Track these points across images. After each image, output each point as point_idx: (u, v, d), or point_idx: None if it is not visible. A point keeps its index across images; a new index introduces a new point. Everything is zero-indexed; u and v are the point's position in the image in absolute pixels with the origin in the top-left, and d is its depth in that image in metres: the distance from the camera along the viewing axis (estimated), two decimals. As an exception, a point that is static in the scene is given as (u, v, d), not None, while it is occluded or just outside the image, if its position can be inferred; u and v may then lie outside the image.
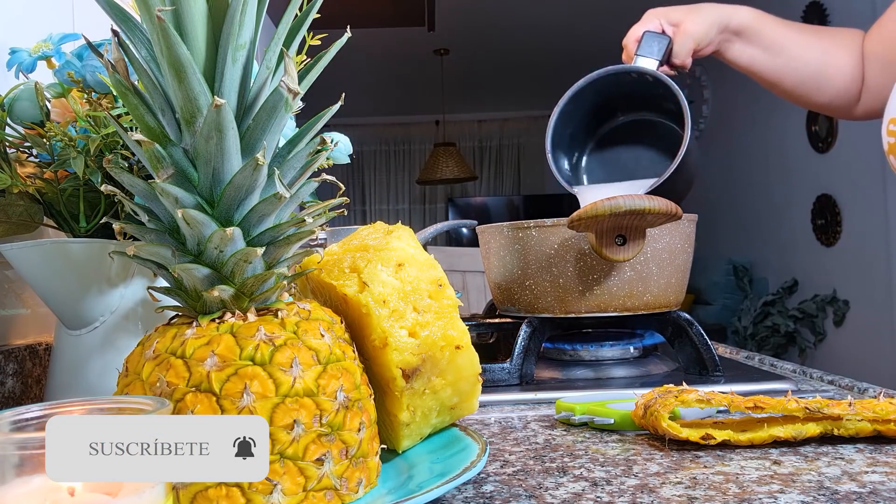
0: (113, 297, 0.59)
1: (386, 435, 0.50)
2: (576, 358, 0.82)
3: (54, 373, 0.61)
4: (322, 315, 0.44)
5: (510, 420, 0.65)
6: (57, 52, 0.62)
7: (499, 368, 0.75)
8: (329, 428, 0.40)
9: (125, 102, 0.40)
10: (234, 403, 0.38)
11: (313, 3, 0.43)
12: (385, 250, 0.49)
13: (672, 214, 0.70)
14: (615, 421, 0.59)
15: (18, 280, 0.79)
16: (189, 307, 0.43)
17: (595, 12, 4.46)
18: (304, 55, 0.63)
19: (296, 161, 0.43)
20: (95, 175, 0.55)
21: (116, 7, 0.39)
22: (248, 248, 0.40)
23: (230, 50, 0.39)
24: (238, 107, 0.41)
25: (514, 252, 0.81)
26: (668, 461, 0.51)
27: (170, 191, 0.39)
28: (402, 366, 0.46)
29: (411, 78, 5.68)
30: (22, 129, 0.61)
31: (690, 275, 0.85)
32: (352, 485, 0.41)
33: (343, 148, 0.73)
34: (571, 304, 0.78)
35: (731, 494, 0.43)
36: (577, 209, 0.72)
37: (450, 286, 0.50)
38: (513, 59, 5.33)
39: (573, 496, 0.44)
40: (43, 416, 0.32)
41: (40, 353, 0.77)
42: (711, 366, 0.76)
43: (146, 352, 0.41)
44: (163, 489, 0.31)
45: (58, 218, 0.62)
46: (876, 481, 0.45)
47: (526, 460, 0.52)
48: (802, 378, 0.80)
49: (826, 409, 0.53)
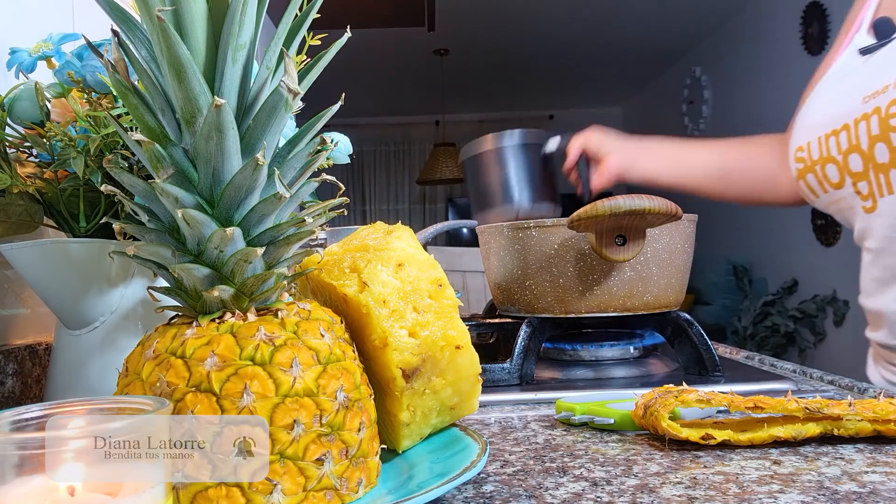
0: (113, 297, 0.59)
1: (386, 435, 0.50)
2: (576, 358, 0.82)
3: (54, 373, 0.61)
4: (322, 315, 0.44)
5: (510, 420, 0.65)
6: (57, 52, 0.62)
7: (499, 368, 0.75)
8: (329, 428, 0.40)
9: (125, 102, 0.40)
10: (234, 403, 0.38)
11: (313, 3, 0.43)
12: (385, 250, 0.49)
13: (672, 214, 0.70)
14: (615, 421, 0.59)
15: (18, 280, 0.79)
16: (189, 307, 0.43)
17: (595, 12, 4.46)
18: (304, 55, 0.63)
19: (296, 161, 0.43)
20: (95, 175, 0.55)
21: (116, 7, 0.39)
22: (248, 248, 0.40)
23: (230, 50, 0.39)
24: (238, 107, 0.41)
25: (514, 252, 0.81)
26: (668, 461, 0.51)
27: (170, 191, 0.39)
28: (402, 366, 0.46)
29: (411, 78, 5.68)
30: (22, 129, 0.61)
31: (690, 275, 0.85)
32: (352, 485, 0.41)
33: (343, 148, 0.73)
34: (571, 304, 0.78)
35: (731, 494, 0.43)
36: (578, 209, 0.72)
37: (450, 286, 0.50)
38: (513, 59, 5.33)
39: (573, 496, 0.44)
40: (43, 416, 0.32)
41: (40, 353, 0.77)
42: (711, 366, 0.76)
43: (146, 352, 0.41)
44: (163, 489, 0.31)
45: (58, 218, 0.62)
46: (876, 481, 0.45)
47: (526, 460, 0.52)
48: (802, 378, 0.80)
49: (826, 409, 0.53)
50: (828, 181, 0.92)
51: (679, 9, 4.44)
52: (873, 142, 0.83)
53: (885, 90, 0.81)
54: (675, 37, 4.97)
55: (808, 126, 0.95)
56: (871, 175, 0.84)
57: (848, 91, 0.89)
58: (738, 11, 4.48)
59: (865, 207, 0.87)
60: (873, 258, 0.89)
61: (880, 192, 0.84)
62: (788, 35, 3.88)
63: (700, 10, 4.49)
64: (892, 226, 0.84)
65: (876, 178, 0.84)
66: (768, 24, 4.20)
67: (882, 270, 0.88)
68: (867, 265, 0.91)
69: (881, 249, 0.87)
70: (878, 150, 0.82)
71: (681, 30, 4.83)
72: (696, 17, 4.59)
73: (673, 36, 4.95)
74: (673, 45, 5.14)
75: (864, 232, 0.90)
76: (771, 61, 4.13)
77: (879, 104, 0.82)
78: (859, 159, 0.85)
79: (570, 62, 5.42)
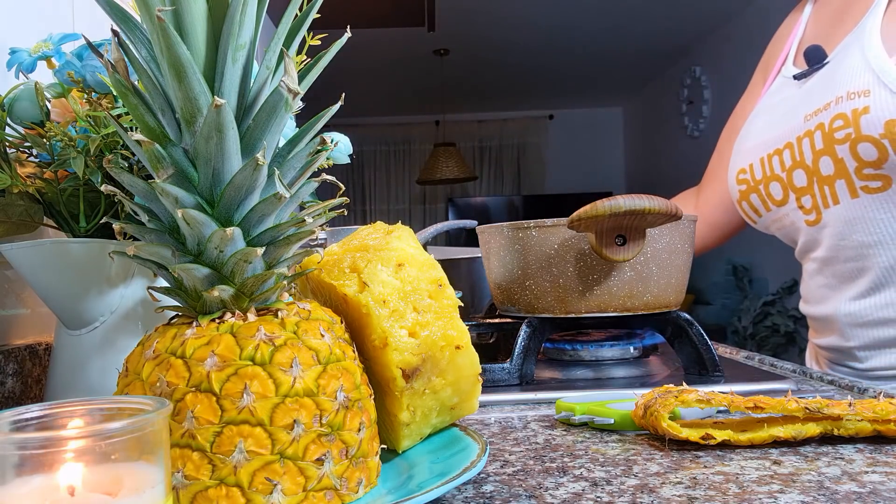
0: (113, 297, 0.59)
1: (386, 435, 0.50)
2: (576, 358, 0.82)
3: (54, 373, 0.61)
4: (322, 315, 0.44)
5: (510, 420, 0.65)
6: (57, 52, 0.62)
7: (499, 368, 0.75)
8: (329, 428, 0.40)
9: (125, 102, 0.40)
10: (234, 403, 0.38)
11: (313, 3, 0.43)
12: (385, 250, 0.49)
13: (672, 214, 0.70)
14: (615, 421, 0.59)
15: (18, 280, 0.79)
16: (189, 307, 0.43)
17: (595, 13, 4.46)
18: (304, 55, 0.63)
19: (296, 161, 0.43)
20: (95, 175, 0.55)
21: (116, 7, 0.39)
22: (248, 248, 0.40)
23: (230, 50, 0.39)
24: (238, 107, 0.41)
25: (514, 252, 0.81)
26: (668, 461, 0.51)
27: (170, 191, 0.39)
28: (402, 366, 0.46)
29: (411, 78, 5.68)
30: (22, 129, 0.61)
31: (690, 275, 0.85)
32: (352, 485, 0.41)
33: (343, 148, 0.73)
34: (571, 304, 0.78)
35: (731, 494, 0.43)
36: (578, 209, 0.72)
37: (450, 286, 0.50)
38: (513, 59, 5.33)
39: (573, 496, 0.44)
40: (43, 416, 0.32)
41: (40, 353, 0.77)
42: (711, 366, 0.76)
43: (146, 352, 0.41)
44: (163, 489, 0.31)
45: (58, 218, 0.62)
46: (876, 481, 0.45)
47: (526, 460, 0.52)
48: (802, 378, 0.80)
49: (826, 409, 0.53)
50: (771, 199, 0.97)
51: (679, 9, 4.44)
52: (818, 156, 0.87)
53: (827, 107, 0.86)
54: (675, 37, 4.97)
55: (749, 148, 1.01)
56: (815, 188, 0.90)
57: (788, 112, 0.95)
58: (738, 11, 4.48)
59: (808, 221, 0.93)
60: (819, 267, 0.94)
61: (825, 204, 0.89)
62: (788, 35, 3.88)
63: (700, 10, 4.49)
64: (839, 234, 0.89)
65: (820, 191, 0.89)
66: (768, 24, 4.19)
67: (830, 277, 0.93)
68: (812, 274, 0.97)
69: (830, 258, 0.92)
70: (823, 164, 0.87)
71: (681, 30, 4.83)
72: (696, 17, 4.59)
73: (673, 36, 4.95)
74: (673, 45, 5.14)
75: (809, 245, 0.95)
76: (771, 61, 4.13)
77: (822, 120, 0.86)
78: (803, 174, 0.90)
79: (570, 62, 5.42)
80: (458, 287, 1.02)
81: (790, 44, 1.05)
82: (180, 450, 0.37)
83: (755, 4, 4.33)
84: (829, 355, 0.97)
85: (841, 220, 0.88)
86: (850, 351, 0.92)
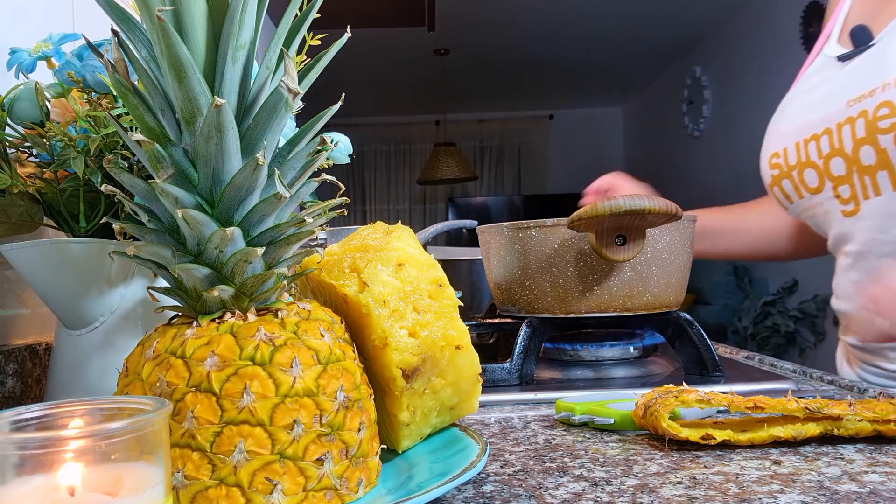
0: (113, 297, 0.59)
1: (386, 435, 0.50)
2: (576, 358, 0.82)
3: (54, 373, 0.61)
4: (322, 315, 0.44)
5: (510, 420, 0.65)
6: (57, 52, 0.62)
7: (499, 368, 0.75)
8: (329, 428, 0.40)
9: (125, 102, 0.40)
10: (234, 403, 0.38)
11: (313, 3, 0.43)
12: (385, 250, 0.49)
13: (672, 214, 0.70)
14: (615, 421, 0.59)
15: (18, 280, 0.79)
16: (189, 307, 0.43)
17: (595, 13, 4.46)
18: (304, 55, 0.63)
19: (296, 161, 0.43)
20: (95, 175, 0.55)
21: (116, 7, 0.39)
22: (248, 248, 0.40)
23: (230, 50, 0.39)
24: (238, 107, 0.41)
25: (515, 252, 0.81)
26: (668, 461, 0.51)
27: (170, 191, 0.39)
28: (402, 366, 0.46)
29: (411, 78, 5.68)
30: (22, 129, 0.61)
31: (690, 275, 0.85)
32: (352, 485, 0.41)
33: (343, 148, 0.73)
34: (571, 304, 0.78)
35: (731, 494, 0.43)
36: (578, 209, 0.72)
37: (450, 286, 0.50)
38: (513, 59, 5.33)
39: (573, 496, 0.44)
40: (43, 416, 0.32)
41: (40, 353, 0.77)
42: (711, 366, 0.76)
43: (146, 352, 0.41)
44: (163, 489, 0.31)
45: (58, 218, 0.62)
46: (876, 481, 0.45)
47: (526, 460, 0.52)
48: (802, 378, 0.80)
49: (826, 409, 0.53)
50: (805, 186, 0.92)
51: (679, 9, 4.44)
52: (858, 145, 0.83)
53: (872, 93, 0.81)
54: (675, 37, 4.97)
55: (784, 132, 0.95)
56: (854, 178, 0.85)
57: (828, 95, 0.89)
58: (738, 11, 4.48)
59: (845, 211, 0.88)
60: (853, 262, 0.89)
61: (864, 195, 0.84)
62: (788, 35, 3.88)
63: (700, 10, 4.48)
64: (877, 227, 0.84)
65: (860, 181, 0.84)
66: (768, 24, 4.19)
67: (862, 273, 0.88)
68: (845, 269, 0.92)
69: (864, 252, 0.87)
70: (864, 153, 0.82)
71: (681, 30, 4.83)
72: (696, 17, 4.59)
73: (673, 36, 4.95)
74: (673, 45, 5.13)
75: (843, 237, 0.90)
76: (771, 61, 4.13)
77: (866, 107, 0.82)
78: (842, 163, 0.86)
79: (570, 62, 5.42)
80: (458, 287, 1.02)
81: (835, 20, 0.98)
82: (180, 450, 0.37)
83: (755, 4, 4.33)
84: (859, 354, 0.94)
85: (881, 212, 0.83)
86: (880, 350, 0.89)
